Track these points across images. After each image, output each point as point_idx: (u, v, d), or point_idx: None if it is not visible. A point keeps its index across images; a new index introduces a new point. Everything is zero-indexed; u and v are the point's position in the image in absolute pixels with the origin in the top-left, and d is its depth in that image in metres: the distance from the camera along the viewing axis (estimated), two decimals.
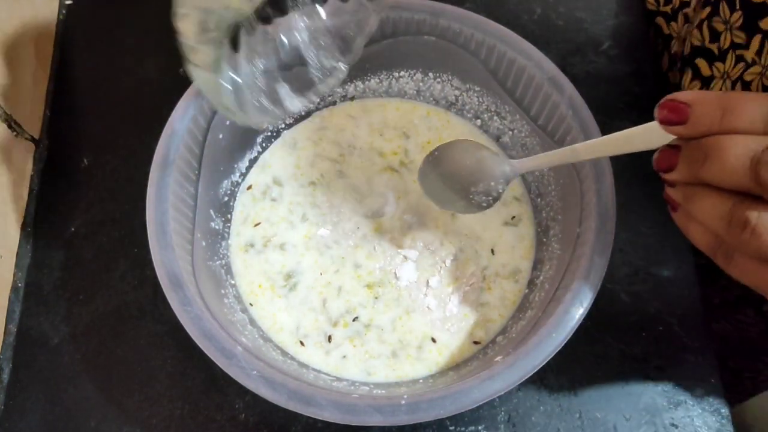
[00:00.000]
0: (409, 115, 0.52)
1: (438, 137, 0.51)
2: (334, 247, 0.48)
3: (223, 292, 0.44)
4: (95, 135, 0.53)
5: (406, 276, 0.46)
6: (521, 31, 0.44)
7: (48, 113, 0.55)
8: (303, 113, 0.51)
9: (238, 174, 0.49)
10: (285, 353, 0.44)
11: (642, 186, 0.50)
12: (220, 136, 0.45)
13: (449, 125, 0.52)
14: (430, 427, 0.44)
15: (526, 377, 0.35)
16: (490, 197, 0.40)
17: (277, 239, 0.48)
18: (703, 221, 0.28)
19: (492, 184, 0.39)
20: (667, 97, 0.28)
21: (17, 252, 0.49)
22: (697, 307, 0.47)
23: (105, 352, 0.46)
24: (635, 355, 0.45)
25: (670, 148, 0.29)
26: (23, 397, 0.45)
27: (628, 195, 0.49)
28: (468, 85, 0.49)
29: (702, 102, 0.27)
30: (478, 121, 0.51)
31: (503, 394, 0.35)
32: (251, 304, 0.46)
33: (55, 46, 0.57)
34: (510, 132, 0.49)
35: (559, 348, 0.36)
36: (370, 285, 0.46)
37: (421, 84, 0.51)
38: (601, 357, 0.45)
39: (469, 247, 0.47)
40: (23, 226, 0.50)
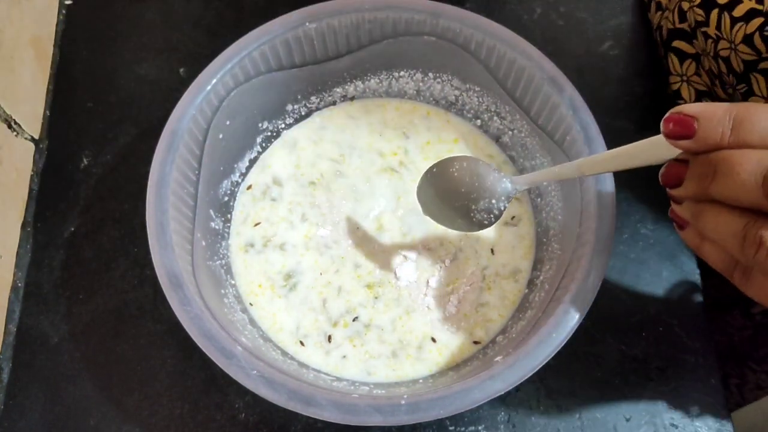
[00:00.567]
0: (409, 115, 0.52)
1: (438, 137, 0.51)
2: (334, 247, 0.48)
3: (223, 292, 0.44)
4: (95, 135, 0.53)
5: (406, 276, 0.46)
6: (521, 31, 0.44)
7: (48, 113, 0.55)
8: (303, 113, 0.51)
9: (238, 174, 0.49)
10: (285, 353, 0.44)
11: (642, 186, 0.50)
12: (220, 136, 0.45)
13: (449, 125, 0.52)
14: (430, 427, 0.44)
15: (526, 377, 0.35)
16: (492, 215, 0.39)
17: (277, 239, 0.48)
18: (715, 240, 0.28)
19: (493, 201, 0.38)
20: (673, 109, 0.27)
21: (17, 252, 0.49)
22: (697, 308, 0.47)
23: (105, 352, 0.46)
24: (635, 356, 0.45)
25: (677, 162, 0.28)
26: (23, 397, 0.45)
27: (628, 195, 0.50)
28: (468, 85, 0.49)
29: (710, 115, 0.26)
30: (478, 121, 0.51)
31: (503, 394, 0.35)
32: (251, 304, 0.46)
33: (55, 46, 0.57)
34: (510, 132, 0.49)
35: (559, 348, 0.36)
36: (370, 285, 0.46)
37: (421, 84, 0.51)
38: (601, 357, 0.45)
39: (468, 247, 0.47)
40: (23, 226, 0.50)
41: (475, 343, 0.45)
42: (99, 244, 0.50)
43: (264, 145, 0.51)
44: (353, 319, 0.45)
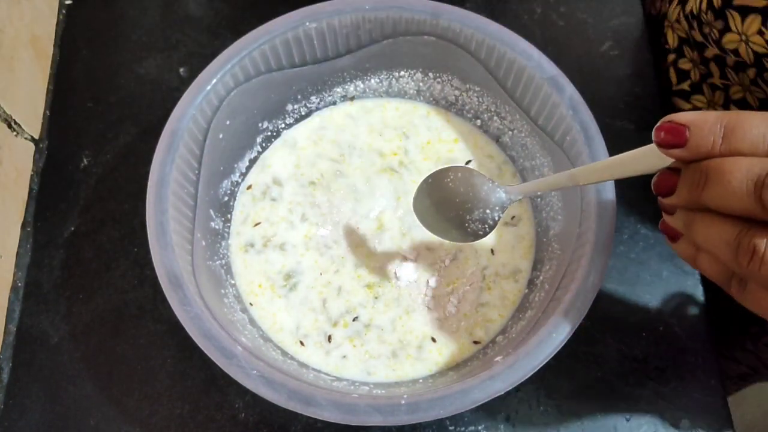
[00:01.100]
0: (409, 115, 0.52)
1: (438, 137, 0.51)
2: (334, 247, 0.48)
3: (223, 291, 0.44)
4: (95, 135, 0.53)
5: (406, 276, 0.46)
6: (521, 31, 0.44)
7: (48, 113, 0.55)
8: (303, 113, 0.51)
9: (238, 174, 0.49)
10: (285, 353, 0.44)
11: (642, 186, 0.50)
12: (220, 136, 0.45)
13: (449, 125, 0.52)
14: (430, 427, 0.44)
15: (526, 377, 0.35)
16: (486, 225, 0.39)
17: (277, 239, 0.48)
18: (708, 249, 0.27)
19: (488, 212, 0.38)
20: (664, 118, 0.27)
21: (17, 252, 0.49)
22: (697, 308, 0.47)
23: (105, 352, 0.46)
24: (635, 356, 0.45)
25: (669, 171, 0.28)
26: (23, 397, 0.45)
27: (628, 195, 0.49)
28: (468, 85, 0.49)
29: (701, 123, 0.26)
30: (478, 121, 0.51)
31: (503, 394, 0.35)
32: (251, 304, 0.46)
33: (55, 46, 0.57)
34: (510, 132, 0.49)
35: (559, 348, 0.36)
36: (370, 285, 0.46)
37: (421, 84, 0.51)
38: (601, 357, 0.45)
39: (468, 247, 0.47)
40: (23, 225, 0.50)
41: (475, 343, 0.45)
42: (99, 244, 0.50)
43: (264, 145, 0.51)
44: (353, 319, 0.45)
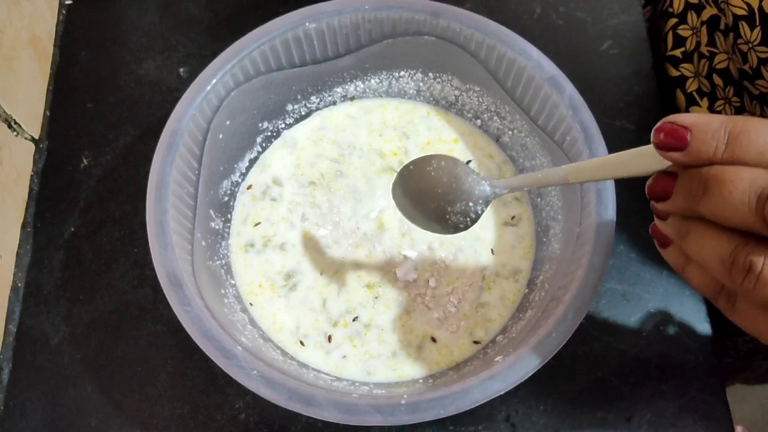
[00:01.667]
0: (409, 115, 0.52)
1: (438, 137, 0.51)
2: (334, 247, 0.48)
3: (223, 292, 0.44)
4: (95, 135, 0.53)
5: (406, 276, 0.46)
6: (521, 31, 0.44)
7: (48, 113, 0.55)
8: (303, 113, 0.51)
9: (238, 174, 0.49)
10: (285, 353, 0.44)
11: (642, 186, 0.50)
12: (220, 136, 0.45)
13: (449, 125, 0.52)
14: (430, 427, 0.44)
15: (526, 377, 0.35)
16: (468, 218, 0.36)
17: (277, 239, 0.48)
18: (700, 262, 0.26)
19: (470, 204, 0.36)
20: (665, 119, 0.26)
21: (17, 252, 0.49)
22: (698, 308, 0.47)
23: (105, 352, 0.46)
24: (635, 355, 0.45)
25: (665, 174, 0.27)
26: (23, 397, 0.45)
27: (629, 195, 0.49)
28: (468, 85, 0.49)
29: (704, 127, 0.24)
30: (478, 121, 0.51)
31: (503, 394, 0.35)
32: (251, 304, 0.46)
33: (55, 46, 0.57)
34: (510, 132, 0.49)
35: (559, 348, 0.36)
36: (370, 285, 0.46)
37: (421, 84, 0.51)
38: (601, 357, 0.45)
39: (469, 247, 0.47)
40: (23, 226, 0.50)
41: (475, 343, 0.45)
42: (99, 244, 0.50)
43: (264, 145, 0.51)
44: (353, 319, 0.45)
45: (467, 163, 0.50)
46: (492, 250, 0.47)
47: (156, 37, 0.58)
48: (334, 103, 0.52)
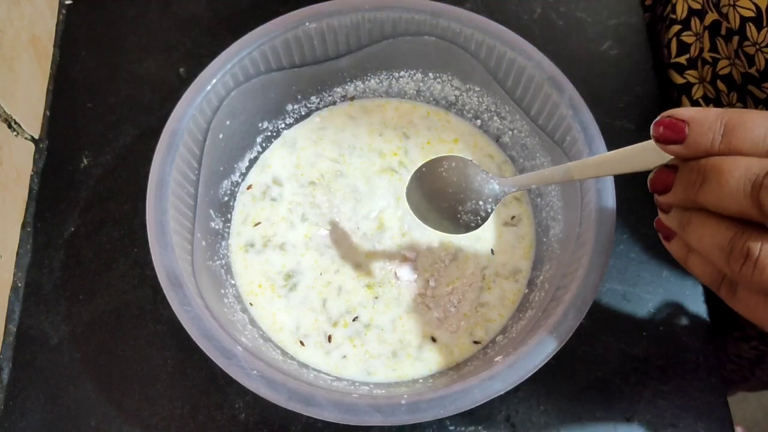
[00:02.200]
0: (409, 115, 0.52)
1: (438, 137, 0.51)
2: (334, 247, 0.48)
3: (223, 292, 0.44)
4: (95, 135, 0.54)
5: (406, 276, 0.46)
6: (521, 31, 0.44)
7: (48, 113, 0.55)
8: (303, 113, 0.51)
9: (238, 174, 0.49)
10: (285, 353, 0.44)
11: (642, 186, 0.50)
12: (220, 136, 0.45)
13: (449, 125, 0.52)
14: (430, 427, 0.44)
15: (526, 377, 0.35)
16: (478, 217, 0.38)
17: (277, 239, 0.48)
18: (701, 251, 0.27)
19: (480, 203, 0.37)
20: (664, 113, 0.27)
21: (17, 252, 0.49)
22: (698, 307, 0.47)
23: (105, 352, 0.46)
24: (635, 355, 0.45)
25: (666, 168, 0.28)
26: (23, 397, 0.45)
27: (628, 195, 0.49)
28: (468, 85, 0.49)
29: (701, 120, 0.26)
30: (478, 121, 0.51)
31: (503, 394, 0.35)
32: (251, 304, 0.46)
33: (55, 46, 0.57)
34: (510, 132, 0.49)
35: (560, 348, 0.36)
36: (370, 285, 0.46)
37: (421, 84, 0.51)
38: (601, 357, 0.45)
39: (468, 247, 0.47)
40: (23, 226, 0.50)
41: (475, 343, 0.45)
42: (99, 244, 0.50)
43: (264, 145, 0.51)
44: (353, 319, 0.45)
45: None
46: (492, 250, 0.47)
47: (156, 37, 0.58)
48: (334, 103, 0.52)
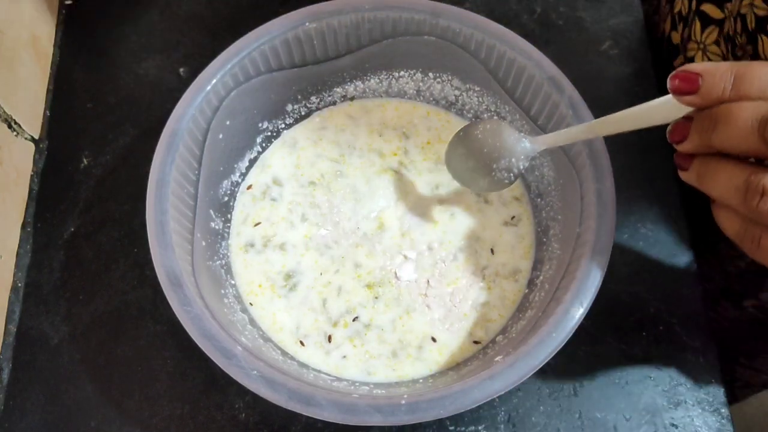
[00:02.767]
0: (408, 115, 0.52)
1: (438, 137, 0.51)
2: (334, 247, 0.48)
3: (223, 292, 0.44)
4: (95, 135, 0.53)
5: (406, 276, 0.46)
6: (521, 31, 0.44)
7: (48, 113, 0.55)
8: (303, 113, 0.51)
9: (238, 174, 0.49)
10: (285, 353, 0.44)
11: (642, 186, 0.50)
12: (220, 136, 0.45)
13: (449, 125, 0.52)
14: (430, 427, 0.44)
15: (526, 377, 0.35)
16: (512, 173, 0.41)
17: (277, 239, 0.48)
18: (719, 196, 0.29)
19: (513, 160, 0.41)
20: (679, 68, 0.29)
21: (17, 252, 0.49)
22: (697, 307, 0.47)
23: (105, 352, 0.46)
24: (635, 355, 0.45)
25: (683, 119, 0.30)
26: (23, 397, 0.45)
27: (628, 195, 0.49)
28: (468, 85, 0.49)
29: (713, 72, 0.28)
30: None
31: (503, 394, 0.35)
32: (251, 304, 0.46)
33: (55, 46, 0.57)
34: None
35: (559, 348, 0.36)
36: (370, 285, 0.46)
37: (421, 84, 0.51)
38: (601, 357, 0.45)
39: (468, 247, 0.47)
40: (23, 226, 0.50)
41: (475, 343, 0.45)
42: (99, 244, 0.50)
43: (264, 145, 0.51)
44: (353, 319, 0.45)
45: None
46: (492, 250, 0.47)
47: (156, 37, 0.58)
48: (334, 103, 0.52)
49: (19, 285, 0.48)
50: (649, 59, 0.55)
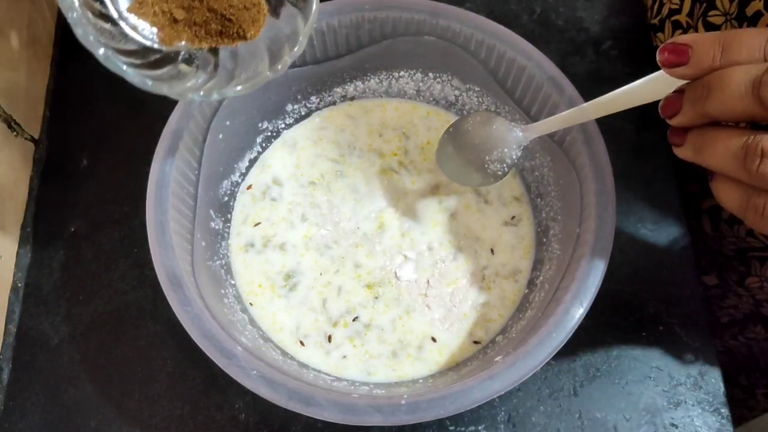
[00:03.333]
0: (408, 116, 0.52)
1: (438, 137, 0.51)
2: (334, 247, 0.48)
3: (222, 292, 0.44)
4: (95, 135, 0.53)
5: (406, 276, 0.46)
6: (521, 31, 0.44)
7: (48, 113, 0.55)
8: (303, 113, 0.51)
9: (238, 174, 0.49)
10: (285, 353, 0.44)
11: (642, 186, 0.50)
12: (220, 136, 0.45)
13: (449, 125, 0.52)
14: (430, 427, 0.44)
15: (526, 377, 0.35)
16: (505, 164, 0.41)
17: (277, 239, 0.48)
18: (718, 167, 0.28)
19: (505, 150, 0.40)
20: (667, 41, 0.29)
21: (17, 252, 0.49)
22: (698, 307, 0.47)
23: (105, 353, 0.46)
24: (635, 355, 0.45)
25: (674, 93, 0.30)
26: (23, 397, 0.45)
27: (628, 195, 0.50)
28: (468, 85, 0.49)
29: (701, 41, 0.28)
30: None
31: (503, 394, 0.35)
32: (251, 304, 0.46)
33: (55, 46, 0.57)
34: None
35: (559, 348, 0.36)
36: (370, 285, 0.46)
37: (421, 84, 0.51)
38: (601, 357, 0.45)
39: (468, 247, 0.47)
40: (23, 226, 0.50)
41: (475, 343, 0.45)
42: (99, 244, 0.50)
43: (264, 145, 0.51)
44: (353, 319, 0.45)
45: None
46: (492, 250, 0.47)
47: None
48: (334, 103, 0.52)
49: (19, 285, 0.48)
50: (650, 59, 0.55)
